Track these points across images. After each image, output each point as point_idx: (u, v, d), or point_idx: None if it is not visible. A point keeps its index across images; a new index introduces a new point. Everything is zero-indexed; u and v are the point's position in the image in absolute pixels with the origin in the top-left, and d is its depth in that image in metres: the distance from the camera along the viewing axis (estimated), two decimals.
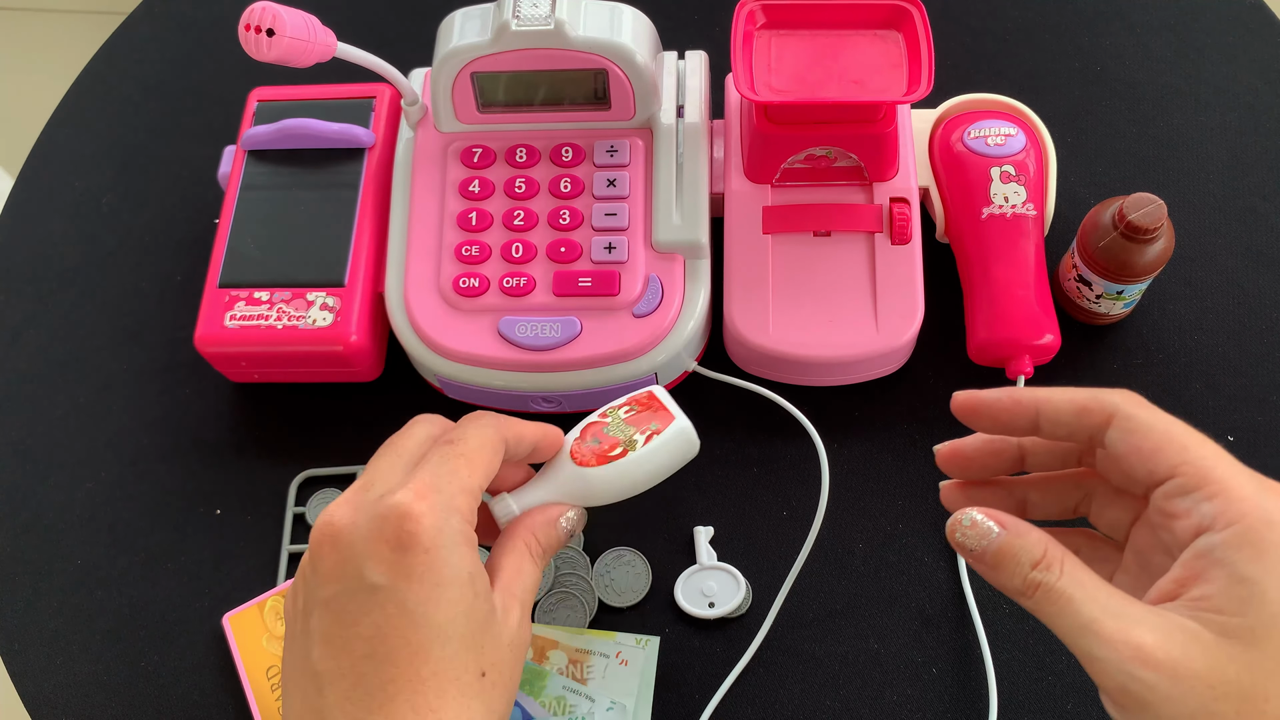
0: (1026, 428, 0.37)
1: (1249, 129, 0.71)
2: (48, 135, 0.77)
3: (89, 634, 0.59)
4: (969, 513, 0.35)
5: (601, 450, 0.45)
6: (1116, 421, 0.35)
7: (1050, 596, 0.33)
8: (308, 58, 0.54)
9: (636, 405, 0.46)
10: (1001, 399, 0.37)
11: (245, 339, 0.60)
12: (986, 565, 0.35)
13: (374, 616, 0.36)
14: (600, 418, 0.46)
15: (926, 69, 0.56)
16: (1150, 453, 0.34)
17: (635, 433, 0.45)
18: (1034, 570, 0.34)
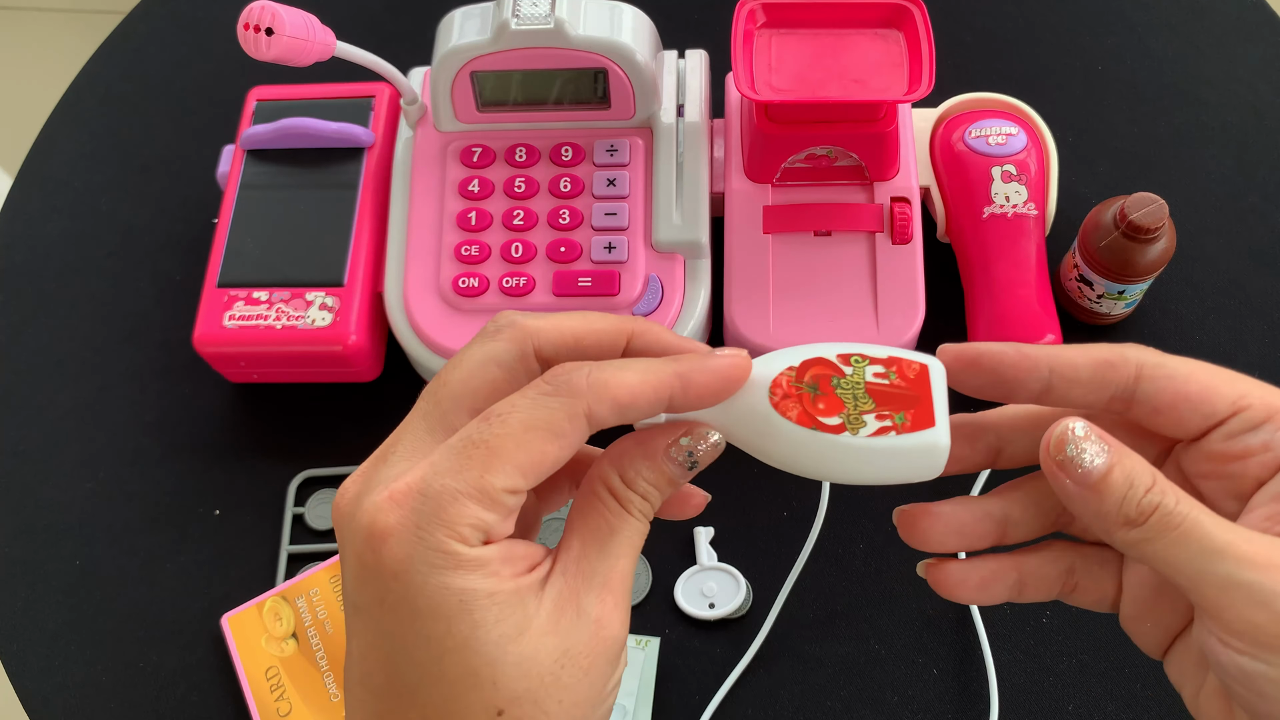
0: (1034, 388, 0.32)
1: (1250, 128, 0.70)
2: (46, 135, 0.77)
3: (87, 634, 0.59)
4: (1075, 421, 0.30)
5: (814, 408, 0.32)
6: (1149, 371, 0.31)
7: (1171, 521, 0.29)
8: (307, 57, 0.54)
9: (895, 374, 0.33)
10: (1008, 352, 0.32)
11: (244, 339, 0.60)
12: (1092, 489, 0.29)
13: (360, 640, 0.29)
14: (840, 361, 0.33)
15: (927, 68, 0.56)
16: (1201, 394, 0.31)
17: (870, 411, 0.32)
18: (1148, 494, 0.29)
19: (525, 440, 0.28)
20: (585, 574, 0.30)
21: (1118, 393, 0.31)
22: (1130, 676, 0.55)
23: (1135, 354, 0.31)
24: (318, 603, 0.57)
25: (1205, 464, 0.31)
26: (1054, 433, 0.30)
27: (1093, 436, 0.30)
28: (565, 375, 0.29)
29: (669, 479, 0.31)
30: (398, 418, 0.70)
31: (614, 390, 0.29)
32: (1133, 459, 0.29)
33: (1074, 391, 0.31)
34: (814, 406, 0.32)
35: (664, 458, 0.31)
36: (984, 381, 0.32)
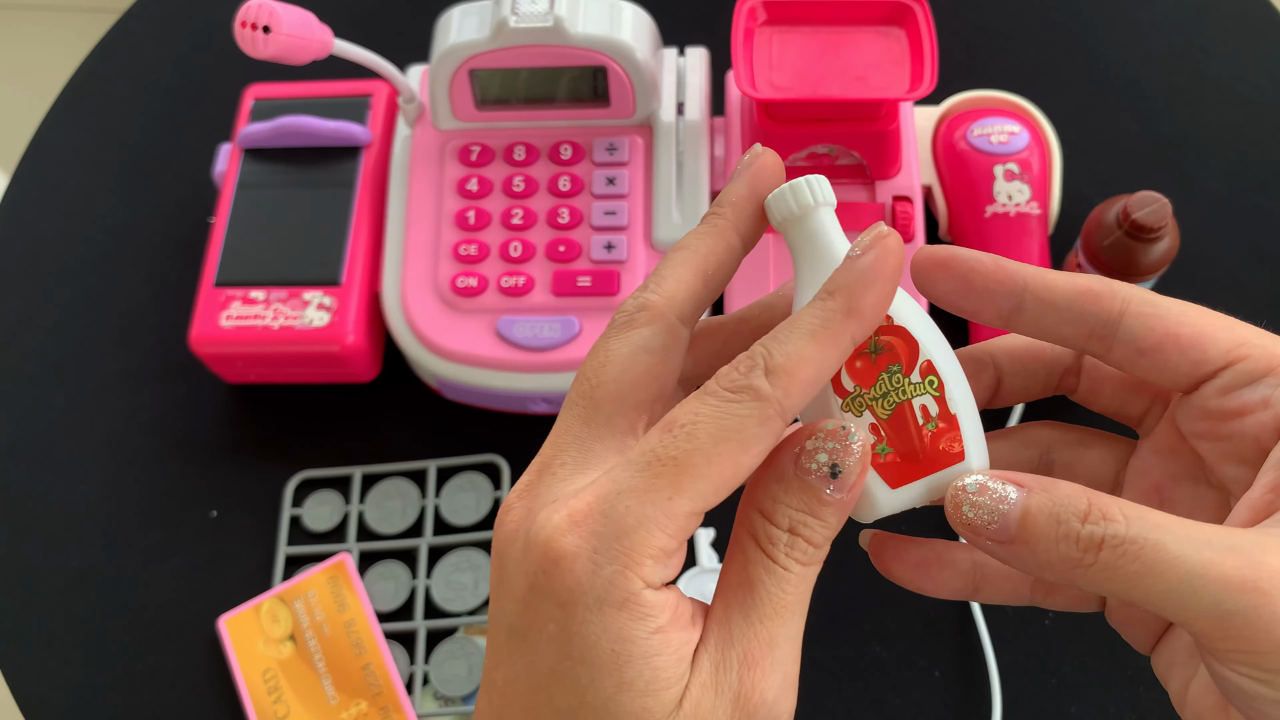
0: (1005, 305, 0.28)
1: (1253, 127, 0.70)
2: (42, 134, 0.77)
3: (84, 636, 0.58)
4: (970, 476, 0.26)
5: (852, 364, 0.28)
6: (1135, 307, 0.27)
7: (1127, 553, 0.24)
8: (304, 55, 0.53)
9: (935, 425, 0.28)
10: (983, 260, 0.28)
11: (241, 339, 0.60)
12: (1014, 543, 0.25)
13: (508, 670, 0.26)
14: (922, 368, 0.28)
15: (929, 66, 0.55)
16: (1192, 338, 0.27)
17: (876, 418, 0.28)
18: (1086, 524, 0.24)
19: (717, 455, 0.24)
20: (725, 644, 0.25)
21: (1098, 328, 0.27)
22: (1133, 679, 0.54)
23: (1124, 289, 0.27)
24: (315, 605, 0.57)
25: (1200, 421, 0.28)
26: (950, 493, 0.26)
27: (991, 488, 0.25)
28: (744, 378, 0.25)
29: (818, 499, 0.26)
30: (396, 418, 0.69)
31: (798, 374, 0.25)
32: (1054, 489, 0.25)
33: (1048, 316, 0.28)
34: (853, 363, 0.28)
35: (797, 473, 0.26)
36: (952, 287, 0.28)
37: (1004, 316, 0.28)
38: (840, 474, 0.25)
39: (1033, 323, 0.28)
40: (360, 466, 0.62)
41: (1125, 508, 0.24)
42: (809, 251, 0.28)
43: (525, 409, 0.61)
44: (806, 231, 0.28)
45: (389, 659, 0.55)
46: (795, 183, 0.28)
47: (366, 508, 0.61)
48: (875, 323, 0.26)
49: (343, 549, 0.59)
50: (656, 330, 0.27)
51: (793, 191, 0.28)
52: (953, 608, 0.56)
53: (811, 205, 0.28)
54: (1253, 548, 0.23)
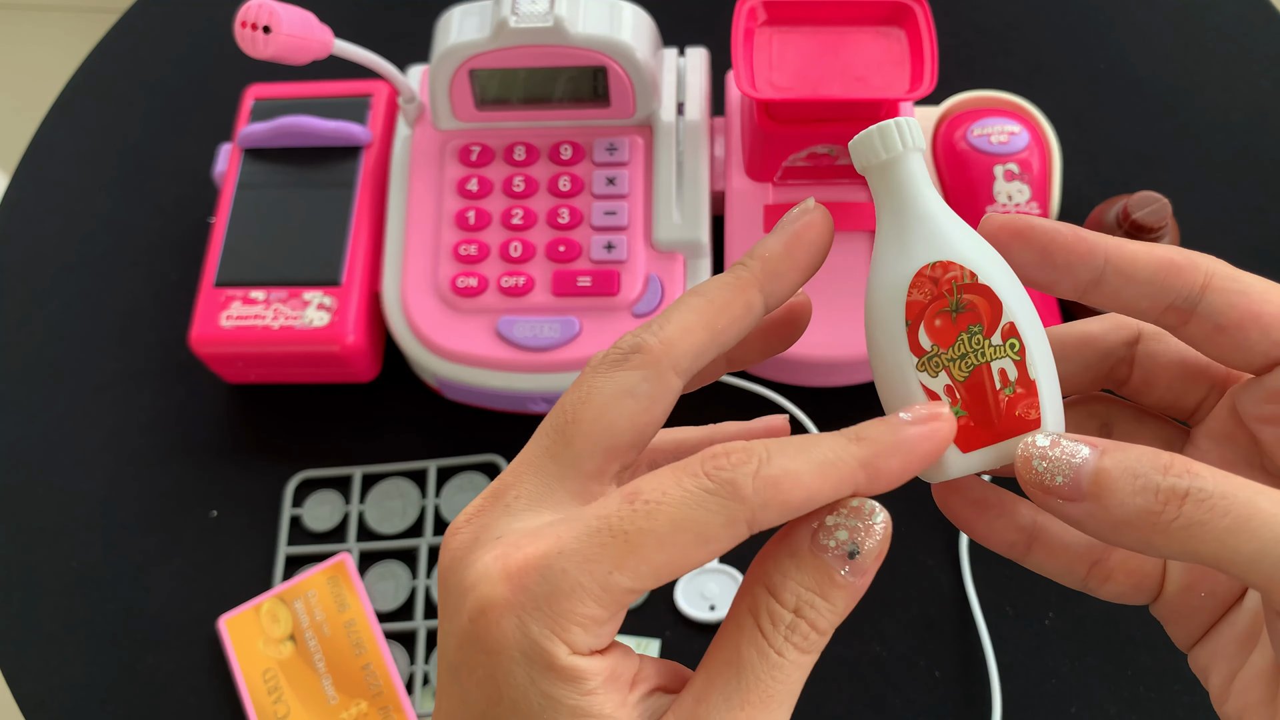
0: (1084, 277, 0.27)
1: (1254, 127, 0.70)
2: (42, 134, 0.77)
3: (84, 636, 0.58)
4: (1041, 434, 0.25)
5: (931, 318, 0.27)
6: (1219, 281, 0.26)
7: (1216, 507, 0.22)
8: (304, 55, 0.53)
9: (1014, 390, 0.27)
10: (1062, 230, 0.27)
11: (241, 339, 0.60)
12: (1088, 498, 0.24)
13: (448, 703, 0.26)
14: (1004, 330, 0.27)
15: (929, 66, 0.55)
16: (1276, 318, 0.26)
17: (954, 379, 0.27)
18: (1169, 477, 0.23)
19: (670, 541, 0.23)
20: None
21: (1178, 301, 0.26)
22: (1133, 679, 0.54)
23: (1206, 262, 0.27)
24: (315, 605, 0.57)
25: (1266, 405, 0.26)
26: (1021, 450, 0.25)
27: (1063, 440, 0.25)
28: (730, 470, 0.23)
29: (830, 579, 0.24)
30: (396, 419, 0.69)
31: (785, 493, 0.23)
32: (1129, 447, 0.24)
33: (1127, 290, 0.27)
34: (932, 321, 0.27)
35: (813, 549, 0.24)
36: (1030, 259, 0.27)
37: (1080, 289, 0.27)
38: (858, 555, 0.24)
39: (1110, 296, 0.27)
40: (360, 466, 0.62)
41: (1211, 469, 0.23)
42: (891, 204, 0.27)
43: (525, 409, 0.61)
44: (892, 181, 0.27)
45: (389, 659, 0.55)
46: (884, 125, 0.27)
47: (367, 507, 0.61)
48: (887, 487, 0.25)
49: (343, 549, 0.59)
50: (647, 376, 0.26)
51: (881, 135, 0.27)
52: (953, 608, 0.56)
53: (900, 151, 0.27)
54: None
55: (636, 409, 0.25)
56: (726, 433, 0.32)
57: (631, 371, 0.26)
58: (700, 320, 0.26)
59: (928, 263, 0.27)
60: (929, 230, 0.27)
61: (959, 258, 0.26)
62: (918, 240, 0.27)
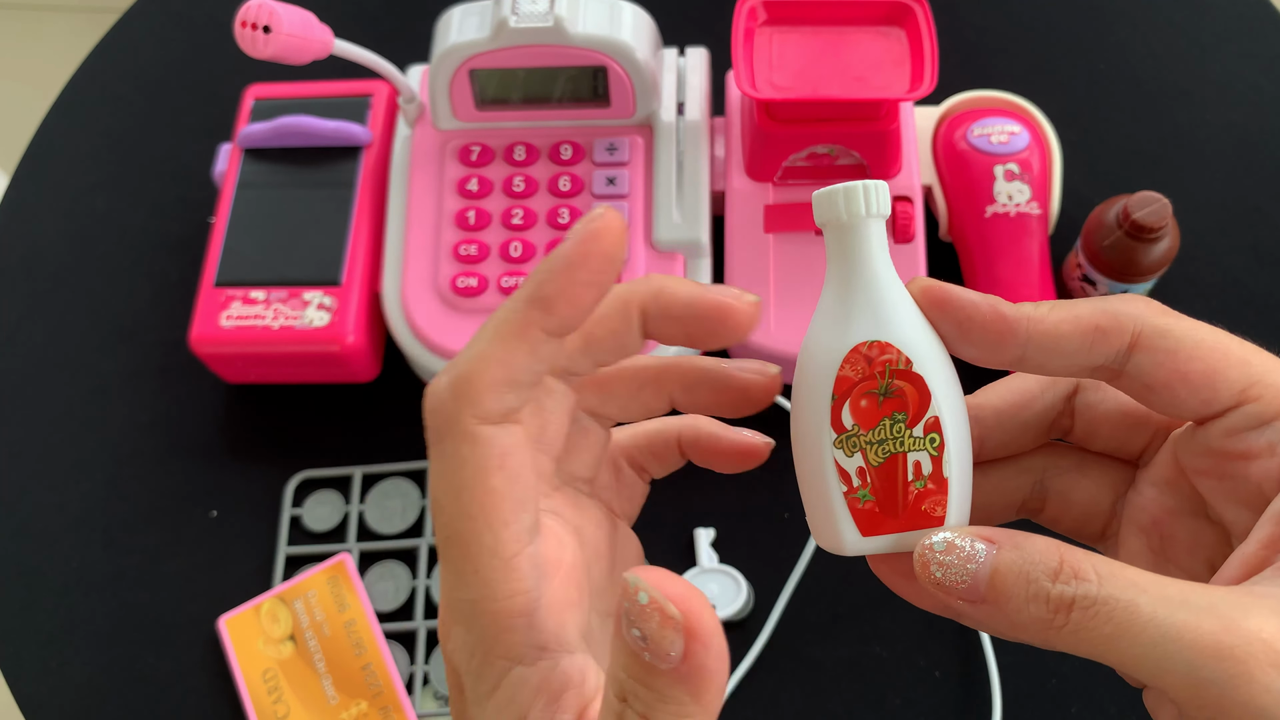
0: (1003, 357, 0.27)
1: (1254, 127, 0.70)
2: (43, 134, 0.77)
3: (84, 637, 0.58)
4: (939, 534, 0.25)
5: (856, 397, 0.27)
6: (1146, 340, 0.26)
7: (1099, 614, 0.23)
8: (304, 55, 0.53)
9: (926, 480, 0.26)
10: (981, 308, 0.26)
11: (241, 339, 0.60)
12: (986, 603, 0.24)
13: None
14: (920, 430, 0.26)
15: (930, 66, 0.55)
16: (1203, 377, 0.25)
17: (869, 464, 0.26)
18: (1057, 584, 0.23)
19: (472, 508, 0.24)
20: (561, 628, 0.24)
21: (1106, 363, 0.26)
22: None
23: (1134, 317, 0.26)
24: (315, 605, 0.57)
25: (1203, 459, 0.26)
26: (917, 552, 0.25)
27: (960, 546, 0.25)
28: (429, 405, 0.25)
29: (642, 666, 0.21)
30: (396, 419, 0.69)
31: (480, 379, 0.24)
32: (1025, 545, 0.24)
33: (1053, 362, 0.26)
34: (858, 400, 0.26)
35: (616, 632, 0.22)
36: (946, 331, 0.27)
37: (1004, 364, 0.27)
38: (648, 639, 0.21)
39: (1037, 368, 0.27)
40: (360, 466, 0.61)
41: (1099, 564, 0.23)
42: (842, 268, 0.27)
43: None
44: (848, 245, 0.27)
45: (389, 659, 0.55)
46: (850, 187, 0.26)
47: (367, 507, 0.61)
48: (570, 314, 0.24)
49: (343, 549, 0.59)
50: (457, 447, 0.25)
51: (846, 196, 0.26)
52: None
53: (862, 216, 0.27)
54: (1232, 609, 0.22)
55: (481, 488, 0.24)
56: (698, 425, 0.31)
57: (445, 445, 0.24)
58: (493, 349, 0.24)
59: (865, 340, 0.26)
60: (874, 304, 0.26)
61: (898, 340, 0.26)
62: (861, 313, 0.26)
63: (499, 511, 0.24)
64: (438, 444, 0.24)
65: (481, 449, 0.24)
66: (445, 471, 0.24)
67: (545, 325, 0.24)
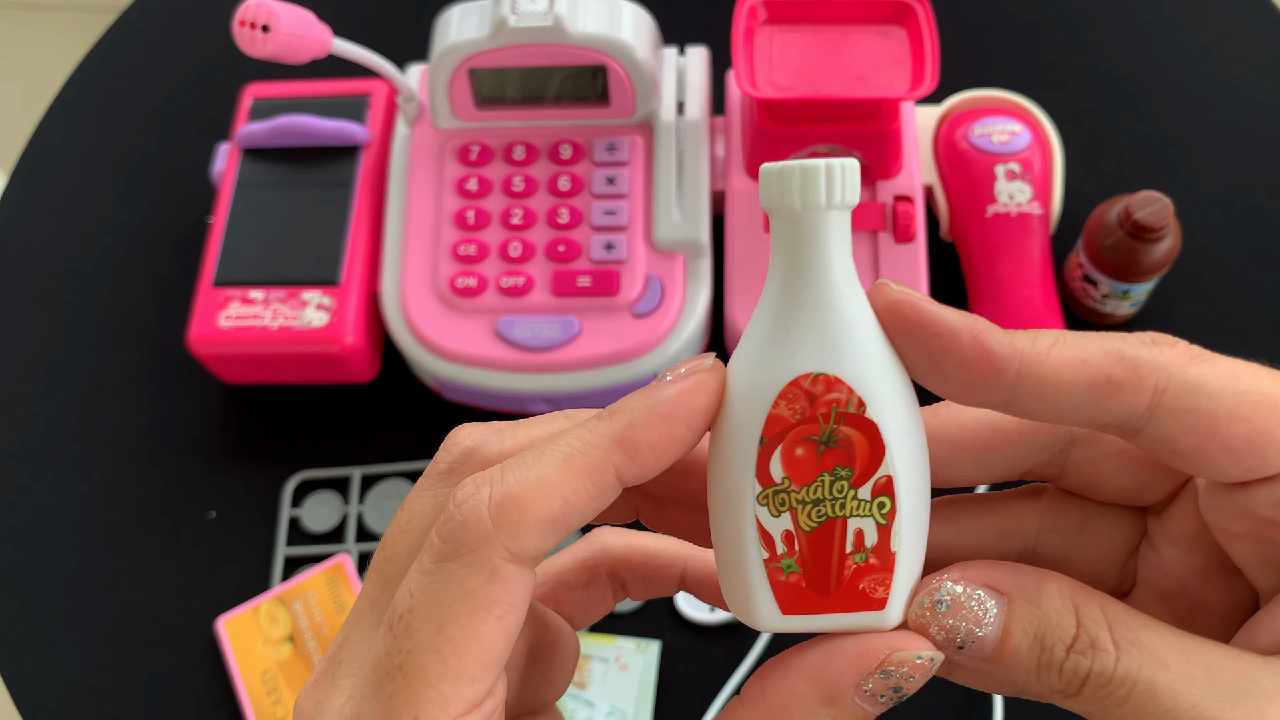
0: (986, 399, 0.21)
1: (1255, 127, 0.70)
2: (41, 133, 0.77)
3: (82, 638, 0.58)
4: (942, 583, 0.21)
5: (792, 448, 0.21)
6: (1173, 399, 0.20)
7: (1114, 694, 0.20)
8: (303, 54, 0.53)
9: (871, 554, 0.22)
10: (960, 334, 0.21)
11: (239, 339, 0.59)
12: (991, 663, 0.21)
13: None
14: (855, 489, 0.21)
15: (930, 65, 0.55)
16: (1249, 441, 0.20)
17: (804, 527, 0.21)
18: (1072, 653, 0.20)
19: (448, 645, 0.20)
20: None
21: (1117, 423, 0.21)
22: None
23: (1157, 368, 0.21)
24: (314, 606, 0.57)
25: (1239, 522, 0.22)
26: (917, 600, 0.22)
27: (968, 599, 0.21)
28: (459, 515, 0.20)
29: (859, 719, 0.21)
30: (395, 419, 0.68)
31: (534, 508, 0.20)
32: (1040, 598, 0.21)
33: (1048, 413, 0.21)
34: (792, 448, 0.21)
35: (856, 696, 0.21)
36: (913, 361, 0.21)
37: (980, 406, 0.22)
38: (904, 695, 0.21)
39: (1025, 415, 0.22)
40: (359, 467, 0.61)
41: (1119, 630, 0.21)
42: (788, 271, 0.21)
43: (525, 409, 0.61)
44: (799, 241, 0.21)
45: None
46: (809, 166, 0.21)
47: (366, 508, 0.60)
48: (651, 468, 0.21)
49: (342, 550, 0.59)
50: (475, 572, 0.21)
51: (802, 178, 0.21)
52: None
53: (821, 207, 0.21)
54: (1259, 695, 0.20)
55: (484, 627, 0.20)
56: None
57: (447, 489, 0.22)
58: (559, 479, 0.21)
59: (810, 372, 0.21)
60: (825, 325, 0.21)
61: (851, 376, 0.21)
62: (807, 335, 0.21)
63: (473, 665, 0.20)
64: (448, 560, 0.20)
65: (496, 590, 0.20)
66: (439, 594, 0.20)
67: (623, 472, 0.21)
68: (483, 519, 0.20)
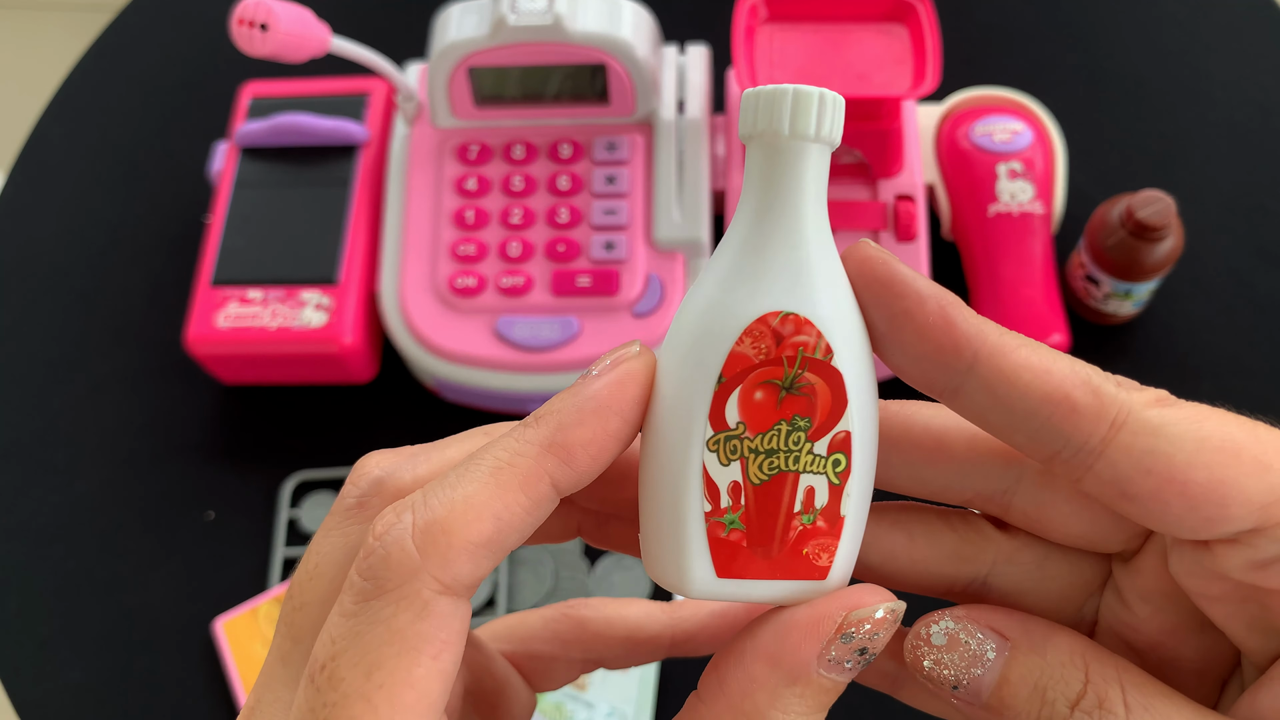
0: (936, 378, 0.20)
1: (1258, 126, 0.70)
2: (38, 133, 0.76)
3: (80, 639, 0.58)
4: (941, 619, 0.20)
5: (750, 392, 0.20)
6: (1129, 436, 0.19)
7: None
8: (302, 53, 0.53)
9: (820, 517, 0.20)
10: (927, 300, 0.19)
11: (237, 339, 0.59)
12: (987, 710, 0.20)
13: None
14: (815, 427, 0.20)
15: (932, 64, 0.55)
16: (1209, 490, 0.18)
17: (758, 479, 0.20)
18: (1077, 710, 0.19)
19: (378, 693, 0.18)
20: None
21: (1066, 451, 0.19)
22: None
23: (1116, 405, 0.19)
24: None
25: (1216, 584, 0.20)
26: (910, 635, 0.20)
27: (966, 636, 0.20)
28: (380, 550, 0.18)
29: (829, 693, 0.20)
30: (394, 419, 0.68)
31: (463, 531, 0.18)
32: (1045, 649, 0.20)
33: (995, 415, 0.19)
34: (751, 391, 0.19)
35: (820, 668, 0.19)
36: (877, 319, 0.20)
37: (930, 387, 0.20)
38: (870, 655, 0.20)
39: (974, 413, 0.20)
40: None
41: (1131, 690, 0.19)
42: (764, 204, 0.20)
43: (524, 410, 0.61)
44: (781, 172, 0.20)
45: None
46: (803, 92, 0.20)
47: None
48: (588, 470, 0.20)
49: None
50: (402, 610, 0.19)
51: (796, 104, 0.20)
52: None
53: (810, 136, 0.20)
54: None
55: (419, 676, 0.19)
56: None
57: (358, 525, 0.20)
58: (488, 495, 0.19)
59: (779, 310, 0.19)
60: (798, 263, 0.20)
61: (821, 319, 0.19)
62: (780, 271, 0.19)
63: (408, 712, 0.18)
64: (371, 599, 0.18)
65: (427, 627, 0.18)
66: (364, 636, 0.18)
67: (558, 479, 0.19)
68: (407, 549, 0.18)
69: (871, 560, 0.22)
